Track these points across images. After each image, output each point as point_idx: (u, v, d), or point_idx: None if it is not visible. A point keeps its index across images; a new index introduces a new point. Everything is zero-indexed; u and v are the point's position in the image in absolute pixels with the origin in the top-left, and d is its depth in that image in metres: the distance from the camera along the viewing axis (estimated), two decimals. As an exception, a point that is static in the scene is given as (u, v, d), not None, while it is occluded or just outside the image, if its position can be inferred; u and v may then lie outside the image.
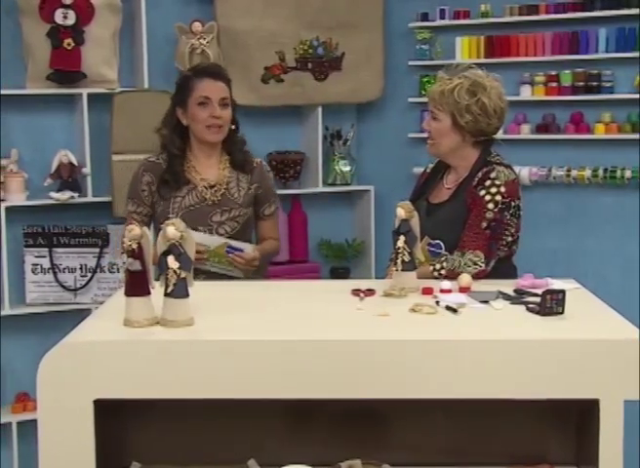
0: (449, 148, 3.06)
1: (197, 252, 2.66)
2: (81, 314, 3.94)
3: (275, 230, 3.51)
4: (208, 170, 3.36)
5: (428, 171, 3.24)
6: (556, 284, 2.73)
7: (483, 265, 2.90)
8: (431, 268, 2.92)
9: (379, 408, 2.43)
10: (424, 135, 4.74)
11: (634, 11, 4.27)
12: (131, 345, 2.22)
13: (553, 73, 4.50)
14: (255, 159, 3.46)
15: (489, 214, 2.94)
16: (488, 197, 2.94)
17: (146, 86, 4.33)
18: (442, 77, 3.08)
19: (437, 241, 2.95)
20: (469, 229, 2.95)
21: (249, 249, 3.28)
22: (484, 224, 2.94)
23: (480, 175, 2.99)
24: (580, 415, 2.39)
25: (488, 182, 2.96)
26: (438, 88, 3.04)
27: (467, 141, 3.04)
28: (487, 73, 3.06)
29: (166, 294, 2.31)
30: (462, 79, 3.01)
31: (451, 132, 3.03)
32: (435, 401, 2.24)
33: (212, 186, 3.33)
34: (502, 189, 2.95)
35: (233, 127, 3.40)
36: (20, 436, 4.19)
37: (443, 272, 2.90)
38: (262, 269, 3.46)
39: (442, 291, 2.64)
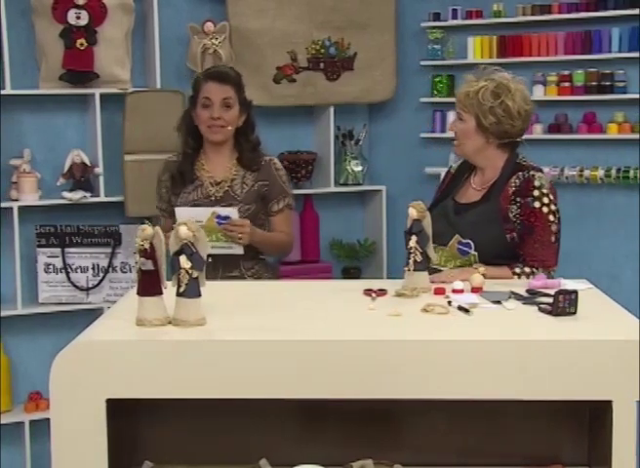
0: (473, 149, 3.09)
1: None
2: (93, 314, 3.96)
3: (284, 225, 3.60)
4: (217, 167, 3.51)
5: (453, 171, 3.27)
6: (569, 284, 2.72)
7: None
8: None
9: (391, 408, 2.43)
10: (436, 135, 4.83)
11: (647, 10, 4.26)
12: (143, 345, 2.22)
13: (566, 73, 4.49)
14: (265, 157, 3.54)
15: (554, 227, 3.00)
16: (545, 209, 2.98)
17: (159, 86, 4.34)
18: (469, 79, 3.11)
19: (468, 240, 2.95)
20: (540, 243, 2.98)
21: (235, 214, 3.37)
22: (552, 238, 3.00)
23: (518, 182, 3.02)
24: (593, 416, 2.38)
25: (536, 192, 2.99)
26: (464, 90, 3.08)
27: (492, 143, 3.07)
28: (513, 76, 3.09)
29: (178, 294, 2.31)
30: (488, 81, 3.04)
31: (475, 133, 3.06)
32: (447, 401, 2.24)
33: (217, 183, 3.49)
34: (551, 197, 3.01)
35: (241, 124, 3.50)
36: (32, 435, 4.20)
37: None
38: (265, 259, 3.61)
39: (454, 291, 2.64)
